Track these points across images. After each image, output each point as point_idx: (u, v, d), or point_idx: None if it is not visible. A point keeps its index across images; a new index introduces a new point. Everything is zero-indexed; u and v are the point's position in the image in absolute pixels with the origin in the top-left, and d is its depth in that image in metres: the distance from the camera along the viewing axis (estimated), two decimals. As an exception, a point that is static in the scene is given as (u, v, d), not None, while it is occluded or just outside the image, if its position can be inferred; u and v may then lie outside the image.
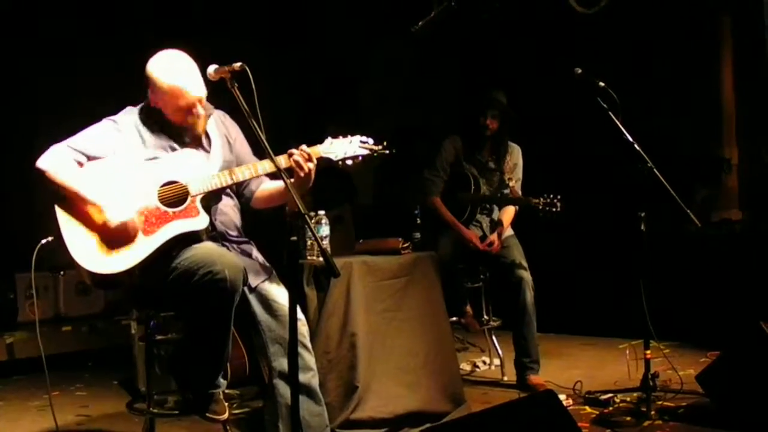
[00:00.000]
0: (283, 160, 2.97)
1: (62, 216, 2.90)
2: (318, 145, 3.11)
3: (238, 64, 2.90)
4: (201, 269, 2.80)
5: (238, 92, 2.84)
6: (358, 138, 3.16)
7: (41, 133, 5.49)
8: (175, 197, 2.97)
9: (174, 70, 3.00)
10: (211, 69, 3.02)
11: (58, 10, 5.75)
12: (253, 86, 2.73)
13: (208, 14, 3.22)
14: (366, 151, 3.15)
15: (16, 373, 5.16)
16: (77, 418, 4.16)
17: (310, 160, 2.98)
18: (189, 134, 3.11)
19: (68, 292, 5.71)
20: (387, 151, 3.20)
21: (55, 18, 5.77)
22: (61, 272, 5.63)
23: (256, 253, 3.20)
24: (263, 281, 3.11)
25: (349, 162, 3.12)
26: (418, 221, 4.27)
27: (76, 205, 2.91)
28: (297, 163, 2.96)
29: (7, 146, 5.67)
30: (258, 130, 2.72)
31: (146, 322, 3.24)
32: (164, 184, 2.98)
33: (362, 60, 7.27)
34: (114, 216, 2.87)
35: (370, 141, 3.18)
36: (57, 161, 2.92)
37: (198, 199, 2.98)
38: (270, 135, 2.72)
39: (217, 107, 3.25)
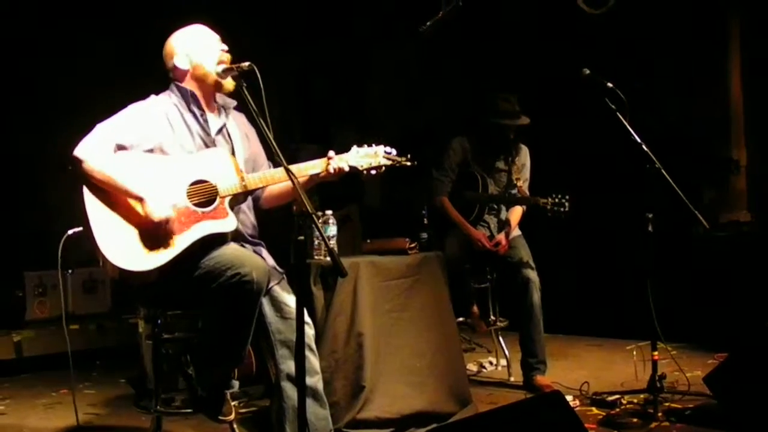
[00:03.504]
0: (321, 163, 3.07)
1: (92, 208, 2.85)
2: (345, 154, 3.15)
3: (246, 63, 2.91)
4: (229, 270, 2.81)
5: (246, 92, 2.85)
6: (382, 148, 3.20)
7: (49, 135, 5.58)
8: (204, 197, 2.96)
9: (193, 26, 3.15)
10: (220, 68, 3.04)
11: (60, 10, 5.78)
12: (261, 85, 2.73)
13: (212, 15, 3.24)
14: (390, 162, 3.20)
15: (24, 371, 5.18)
16: (85, 416, 4.18)
17: (342, 170, 3.10)
18: (217, 107, 3.16)
19: (76, 291, 5.72)
20: (409, 163, 3.25)
21: (58, 18, 5.79)
22: (69, 270, 5.64)
23: (267, 255, 3.21)
24: (276, 284, 3.12)
25: (373, 172, 3.18)
26: (425, 221, 4.26)
27: (112, 198, 2.87)
28: (334, 170, 3.07)
29: (15, 147, 5.69)
30: (266, 129, 2.72)
31: (154, 320, 3.24)
32: (193, 183, 2.97)
33: (368, 61, 7.27)
34: (157, 210, 2.84)
35: (394, 152, 3.23)
36: (95, 151, 2.87)
37: (227, 200, 2.98)
38: (275, 135, 2.73)
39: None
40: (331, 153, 3.12)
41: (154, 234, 2.85)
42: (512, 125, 4.66)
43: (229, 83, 3.05)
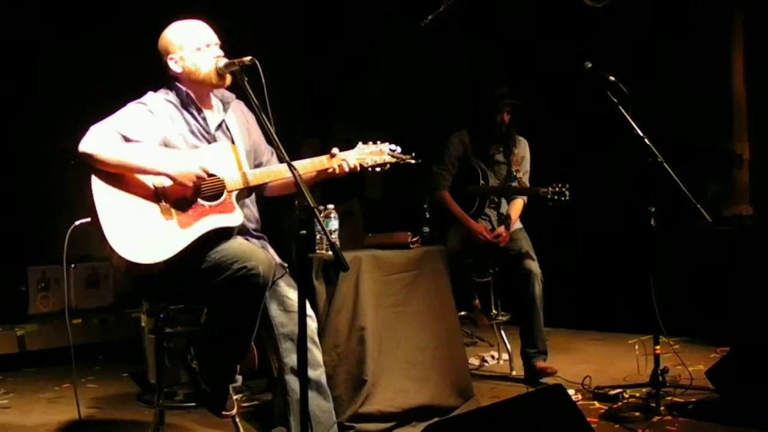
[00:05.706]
0: (325, 160, 3.09)
1: (101, 199, 2.83)
2: (350, 151, 3.16)
3: (248, 58, 2.91)
4: (235, 264, 2.80)
5: (248, 86, 2.84)
6: (387, 146, 3.21)
7: (52, 130, 5.59)
8: (211, 191, 2.96)
9: (186, 20, 3.14)
10: (221, 63, 3.04)
11: (58, 9, 5.78)
12: (263, 80, 2.73)
13: (213, 12, 3.23)
14: (394, 160, 3.21)
15: (27, 366, 5.19)
16: (87, 410, 4.18)
17: (349, 168, 3.11)
18: (215, 102, 3.16)
19: (79, 285, 5.72)
20: (413, 161, 3.27)
21: (58, 19, 5.79)
22: (72, 265, 5.65)
23: (271, 249, 3.21)
24: (279, 277, 3.12)
25: (378, 169, 3.19)
26: (427, 215, 4.26)
27: (122, 189, 2.86)
28: (339, 167, 3.09)
29: (18, 143, 5.69)
30: (268, 124, 2.72)
31: (156, 314, 3.25)
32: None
33: (370, 55, 7.26)
34: (188, 171, 2.85)
35: (398, 150, 3.24)
36: (105, 142, 2.85)
37: (234, 194, 2.98)
38: (277, 129, 2.73)
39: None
40: (335, 150, 3.12)
41: (182, 199, 2.86)
42: (503, 101, 4.66)
43: (228, 78, 3.06)
